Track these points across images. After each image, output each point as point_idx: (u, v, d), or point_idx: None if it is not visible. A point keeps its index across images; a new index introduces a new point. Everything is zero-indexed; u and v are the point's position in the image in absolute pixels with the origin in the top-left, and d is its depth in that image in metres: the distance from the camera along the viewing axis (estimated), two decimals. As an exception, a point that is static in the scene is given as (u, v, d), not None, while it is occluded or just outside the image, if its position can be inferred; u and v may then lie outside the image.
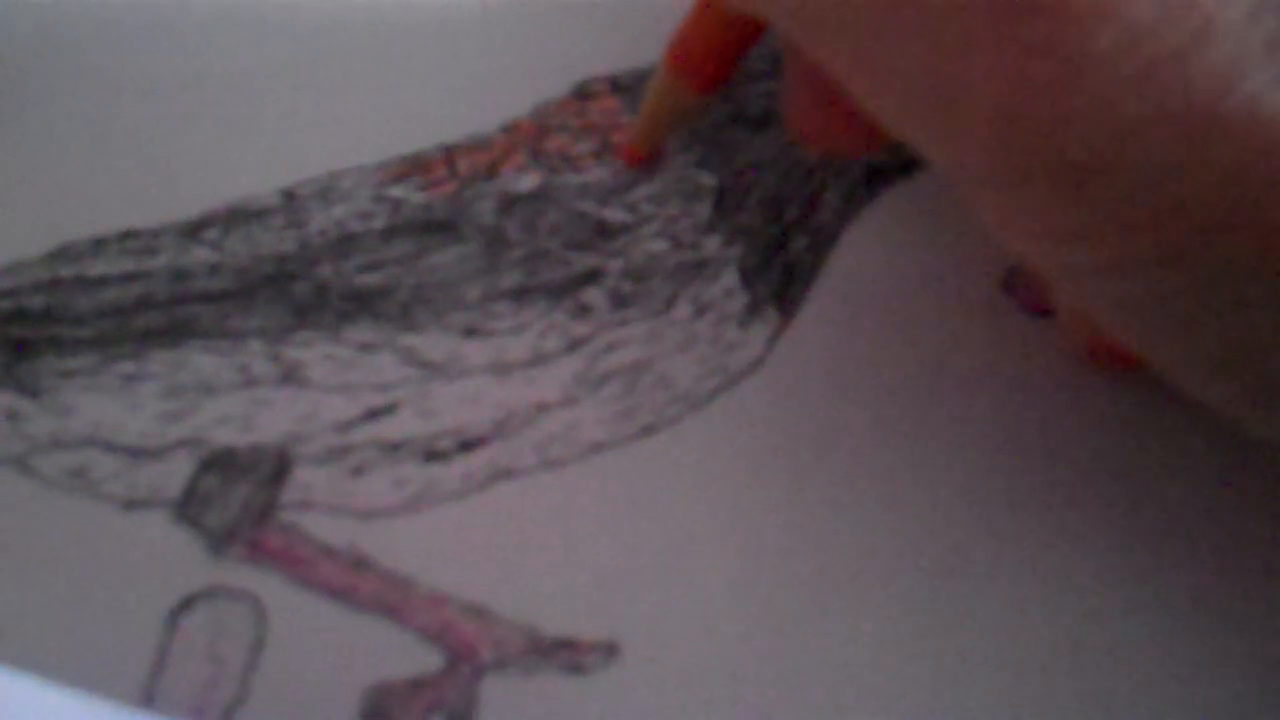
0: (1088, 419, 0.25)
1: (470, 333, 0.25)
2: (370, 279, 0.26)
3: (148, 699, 0.22)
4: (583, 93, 0.28)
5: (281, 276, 0.26)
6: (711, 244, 0.26)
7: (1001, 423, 0.25)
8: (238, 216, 0.27)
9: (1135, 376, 0.24)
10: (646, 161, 0.27)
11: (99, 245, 0.26)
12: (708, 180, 0.27)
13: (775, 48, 0.27)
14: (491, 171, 0.27)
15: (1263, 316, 0.18)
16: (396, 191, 0.27)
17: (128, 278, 0.26)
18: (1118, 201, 0.17)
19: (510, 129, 0.28)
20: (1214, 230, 0.17)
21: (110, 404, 0.25)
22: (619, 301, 0.26)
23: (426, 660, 0.22)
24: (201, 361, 0.25)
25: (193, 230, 0.27)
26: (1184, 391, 0.20)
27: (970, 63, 0.17)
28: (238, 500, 0.24)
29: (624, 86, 0.28)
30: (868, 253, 0.26)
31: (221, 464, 0.24)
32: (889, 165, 0.27)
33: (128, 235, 0.26)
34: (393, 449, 0.24)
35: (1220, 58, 0.16)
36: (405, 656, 0.22)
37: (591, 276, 0.26)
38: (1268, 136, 0.16)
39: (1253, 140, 0.16)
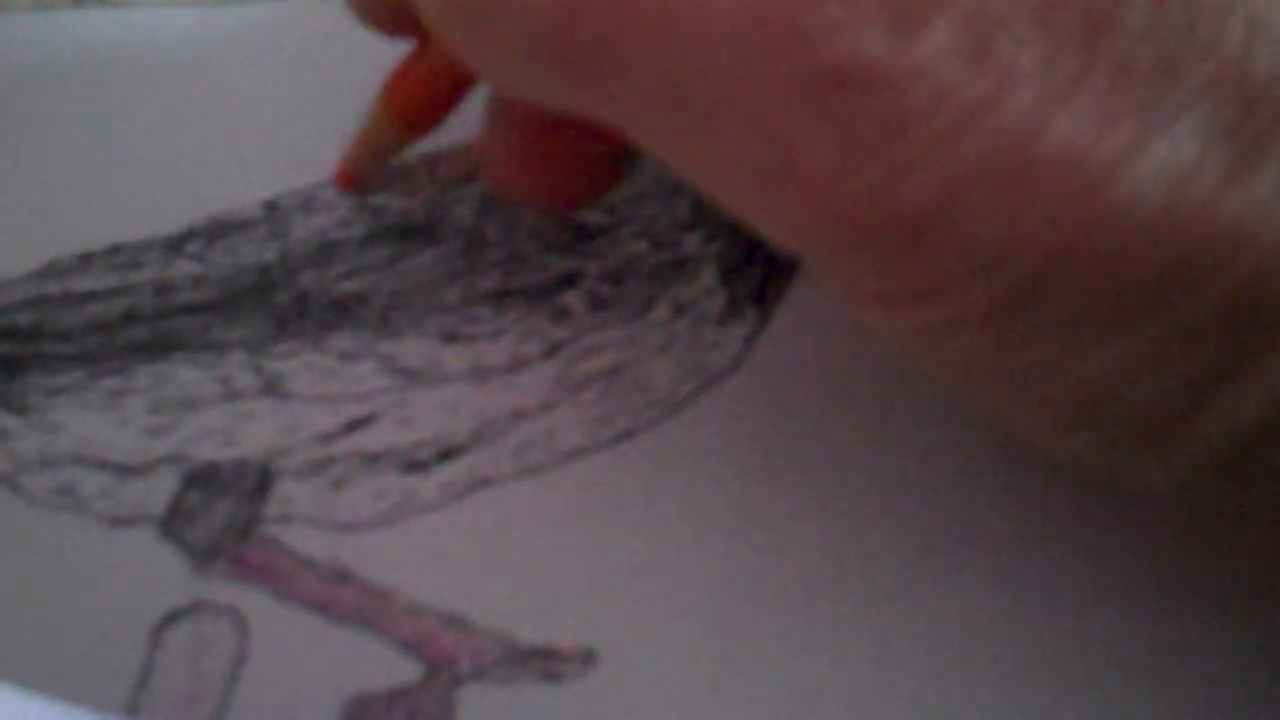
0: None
1: (449, 338, 0.25)
2: (350, 285, 0.26)
3: (131, 712, 0.22)
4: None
5: (264, 286, 0.26)
6: (692, 241, 0.26)
7: (984, 422, 0.24)
8: (221, 228, 0.27)
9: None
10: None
11: (85, 260, 0.27)
12: (688, 177, 0.27)
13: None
14: (472, 175, 0.27)
15: (1109, 358, 0.17)
16: (378, 199, 0.27)
17: (113, 292, 0.26)
18: (953, 253, 0.17)
19: (492, 133, 0.28)
20: (1046, 275, 0.17)
21: (97, 420, 0.25)
22: (597, 304, 0.26)
23: (406, 671, 0.23)
24: (185, 375, 0.25)
25: (177, 243, 0.27)
26: (1051, 449, 0.20)
27: (796, 134, 0.17)
28: (221, 516, 0.24)
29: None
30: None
31: (205, 480, 0.24)
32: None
33: (114, 250, 0.27)
34: (373, 460, 0.24)
35: (1022, 104, 0.16)
36: (385, 667, 0.23)
37: (570, 279, 0.26)
38: (1080, 176, 0.16)
39: (1067, 181, 0.16)
